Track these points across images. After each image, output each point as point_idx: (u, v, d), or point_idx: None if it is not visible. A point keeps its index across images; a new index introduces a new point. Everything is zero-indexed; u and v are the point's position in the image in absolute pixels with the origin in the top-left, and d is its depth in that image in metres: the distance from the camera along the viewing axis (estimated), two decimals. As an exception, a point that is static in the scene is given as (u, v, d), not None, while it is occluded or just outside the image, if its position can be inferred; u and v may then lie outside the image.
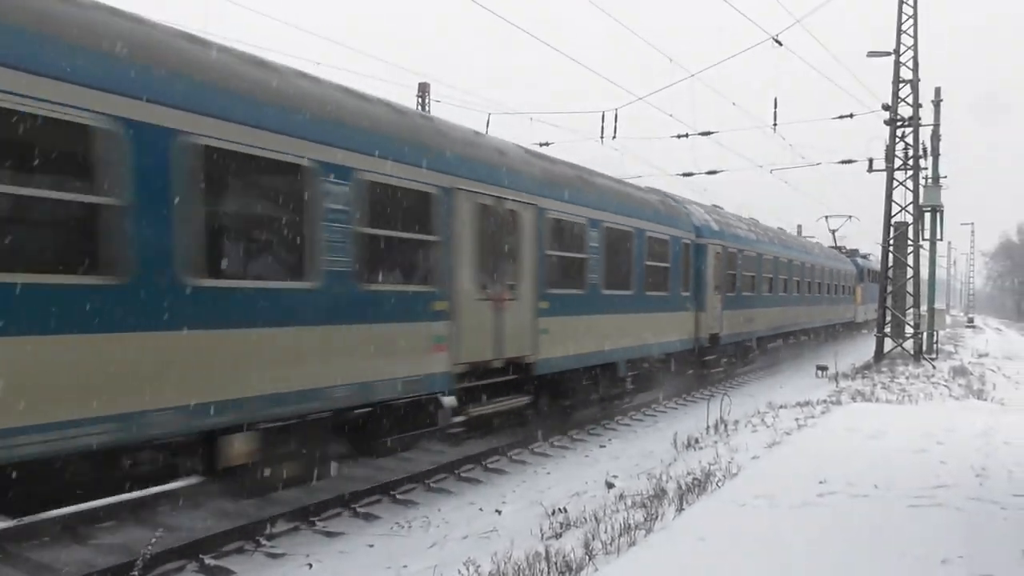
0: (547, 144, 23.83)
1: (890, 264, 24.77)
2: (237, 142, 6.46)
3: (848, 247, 41.65)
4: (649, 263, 14.63)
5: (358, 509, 8.39)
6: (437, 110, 27.01)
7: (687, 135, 24.15)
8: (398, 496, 8.98)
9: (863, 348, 30.57)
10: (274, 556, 7.10)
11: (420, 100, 26.67)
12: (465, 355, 9.33)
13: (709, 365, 18.26)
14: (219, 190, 6.47)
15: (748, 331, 20.78)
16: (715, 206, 21.20)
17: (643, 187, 17.42)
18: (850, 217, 40.04)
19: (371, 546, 7.48)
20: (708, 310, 17.49)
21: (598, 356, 12.75)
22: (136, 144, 5.67)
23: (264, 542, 7.27)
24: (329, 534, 7.71)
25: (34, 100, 5.08)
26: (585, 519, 7.14)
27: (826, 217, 40.25)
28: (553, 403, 12.27)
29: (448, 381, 9.06)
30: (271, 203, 7.00)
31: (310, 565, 6.95)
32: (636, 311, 14.11)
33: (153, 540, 5.62)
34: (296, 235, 7.08)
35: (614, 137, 23.45)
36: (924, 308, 25.00)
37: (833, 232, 40.00)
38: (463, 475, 10.07)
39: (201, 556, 6.74)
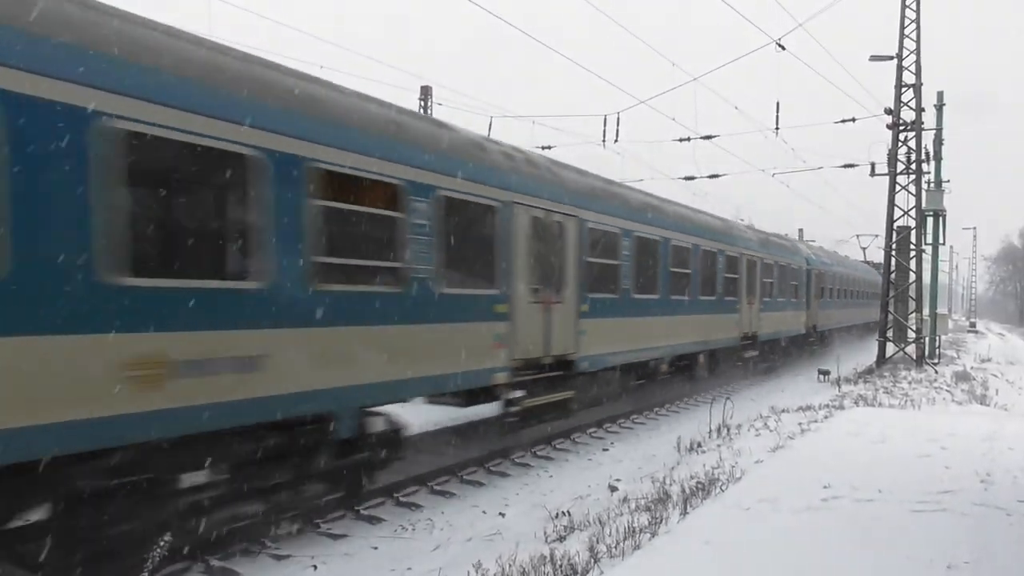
0: (549, 147, 23.85)
1: (892, 268, 24.78)
2: (354, 167, 7.49)
3: (875, 261, 46.15)
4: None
5: (362, 511, 8.40)
6: (439, 113, 27.04)
7: (689, 139, 24.19)
8: (401, 499, 8.98)
9: (865, 353, 30.56)
10: (279, 558, 7.11)
11: (422, 103, 26.71)
12: (519, 352, 10.26)
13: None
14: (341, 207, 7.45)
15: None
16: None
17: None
18: (876, 236, 43.12)
19: (375, 548, 7.49)
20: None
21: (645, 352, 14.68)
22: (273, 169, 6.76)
23: (269, 544, 7.28)
24: (334, 536, 7.72)
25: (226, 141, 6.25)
26: (589, 522, 7.15)
27: (857, 236, 45.49)
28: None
29: (507, 375, 10.07)
30: (376, 219, 7.94)
31: (315, 567, 6.96)
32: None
33: (162, 543, 5.62)
34: (392, 246, 8.04)
35: (616, 140, 23.51)
36: (927, 313, 25.00)
37: (864, 249, 45.57)
38: (466, 478, 10.08)
39: (207, 557, 6.75)
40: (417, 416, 11.35)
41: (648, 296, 14.28)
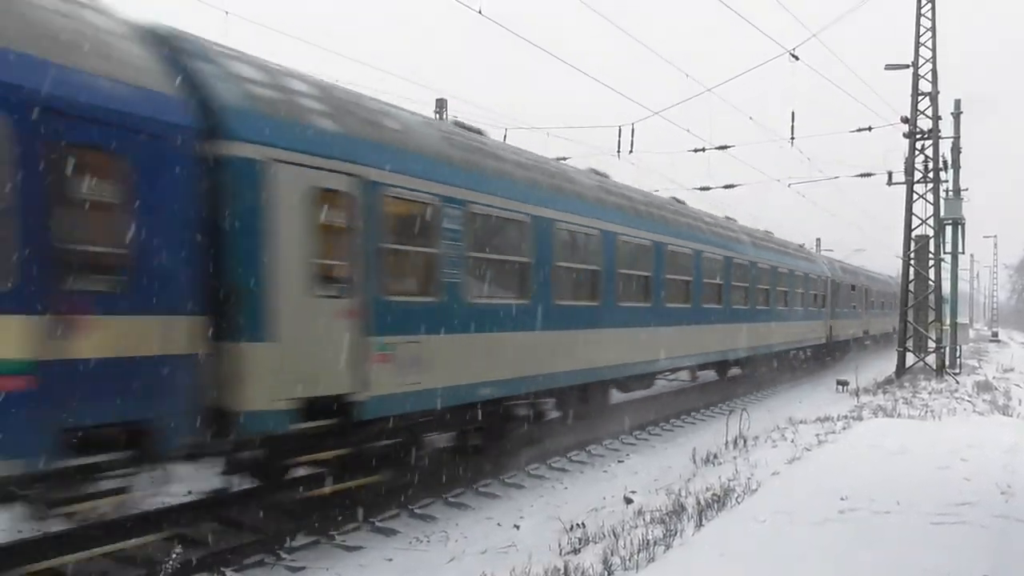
0: (564, 159, 23.88)
1: (911, 278, 24.56)
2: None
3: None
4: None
5: (377, 523, 8.40)
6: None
7: (704, 149, 24.11)
8: (416, 511, 8.99)
9: (884, 363, 30.26)
10: (295, 570, 7.13)
11: (438, 116, 26.86)
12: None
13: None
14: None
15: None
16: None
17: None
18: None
19: (390, 560, 7.49)
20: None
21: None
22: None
23: (285, 556, 7.31)
24: (349, 548, 7.73)
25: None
26: (604, 534, 7.11)
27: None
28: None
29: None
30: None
31: (329, 579, 6.97)
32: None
33: (175, 554, 5.66)
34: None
35: (631, 151, 23.47)
36: (948, 322, 24.73)
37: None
38: (481, 489, 10.06)
39: (223, 569, 6.79)
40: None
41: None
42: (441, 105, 27.31)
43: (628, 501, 8.97)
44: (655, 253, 14.01)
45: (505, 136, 23.82)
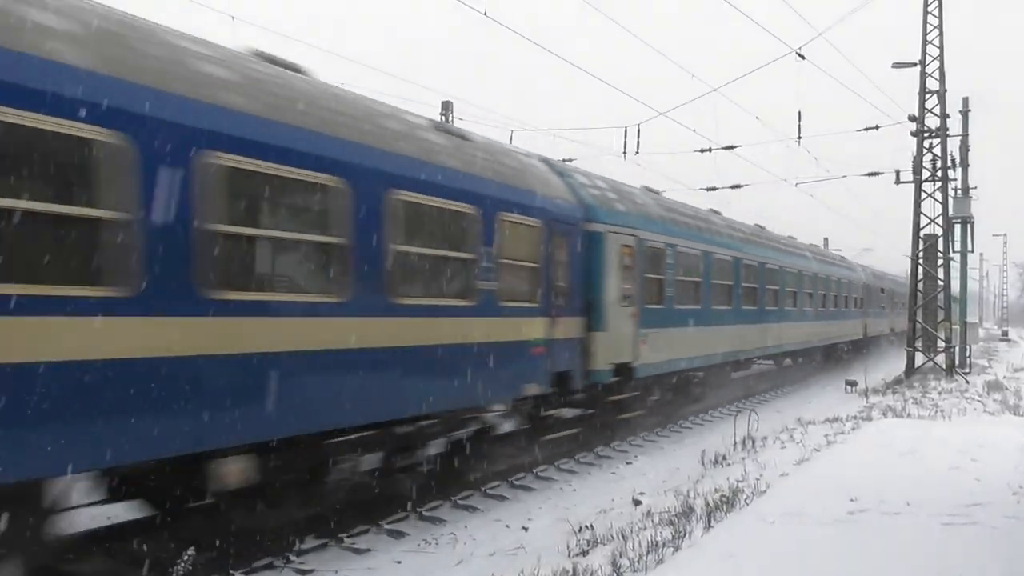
0: (570, 160, 23.89)
1: (920, 277, 24.46)
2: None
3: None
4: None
5: (385, 526, 8.41)
6: (460, 127, 27.13)
7: (710, 149, 24.10)
8: (425, 513, 8.99)
9: (893, 363, 30.13)
10: (303, 572, 7.14)
11: (444, 118, 26.88)
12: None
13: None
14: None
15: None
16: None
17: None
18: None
19: (399, 563, 7.50)
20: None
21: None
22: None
23: (293, 558, 7.31)
24: (357, 551, 7.74)
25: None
26: (612, 536, 7.10)
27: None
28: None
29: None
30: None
31: (338, 582, 6.98)
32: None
33: (186, 556, 5.68)
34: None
35: (637, 152, 23.48)
36: (957, 321, 24.63)
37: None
38: (489, 492, 10.06)
39: (232, 572, 6.80)
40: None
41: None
42: (447, 108, 27.31)
43: (637, 503, 8.96)
44: (762, 270, 19.82)
45: (511, 138, 23.88)
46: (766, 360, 22.92)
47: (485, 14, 12.86)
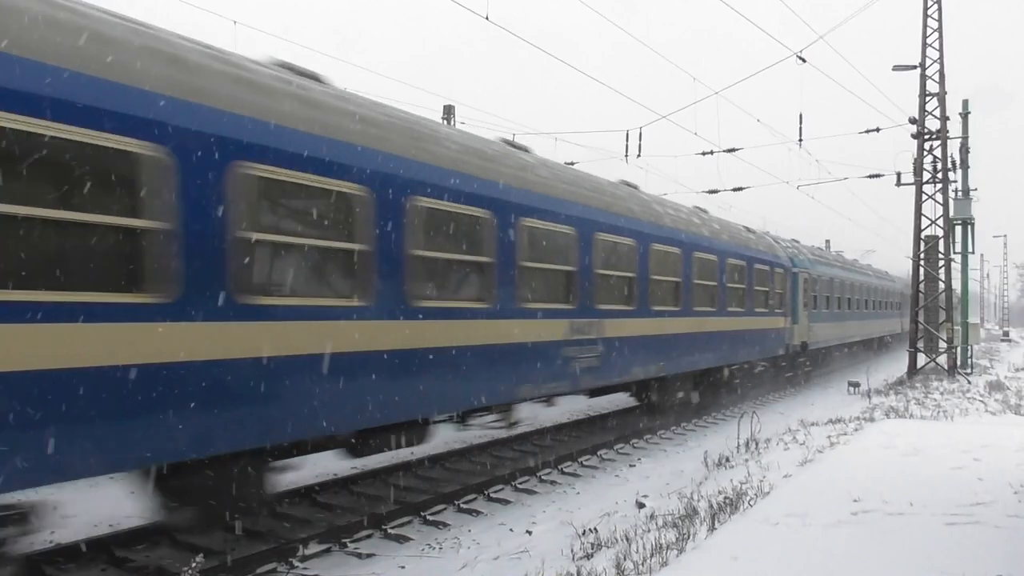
0: (573, 163, 23.93)
1: (921, 279, 24.46)
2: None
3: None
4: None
5: (389, 530, 8.43)
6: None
7: (712, 152, 24.15)
8: (428, 517, 9.00)
9: (896, 364, 30.12)
10: (307, 578, 7.15)
11: (446, 121, 26.92)
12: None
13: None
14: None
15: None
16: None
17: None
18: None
19: (403, 568, 7.50)
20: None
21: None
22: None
23: (297, 564, 7.33)
24: (360, 556, 7.75)
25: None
26: (616, 539, 7.10)
27: None
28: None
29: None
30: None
31: (342, 586, 6.99)
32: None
33: (194, 563, 5.70)
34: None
35: (639, 155, 23.52)
36: (959, 322, 24.61)
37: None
38: (492, 496, 10.08)
39: (236, 578, 6.81)
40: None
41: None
42: (449, 111, 27.35)
43: (640, 505, 8.97)
44: (861, 288, 31.76)
45: (513, 139, 23.86)
46: (859, 342, 33.06)
47: (487, 18, 12.90)
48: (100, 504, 8.69)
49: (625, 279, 11.88)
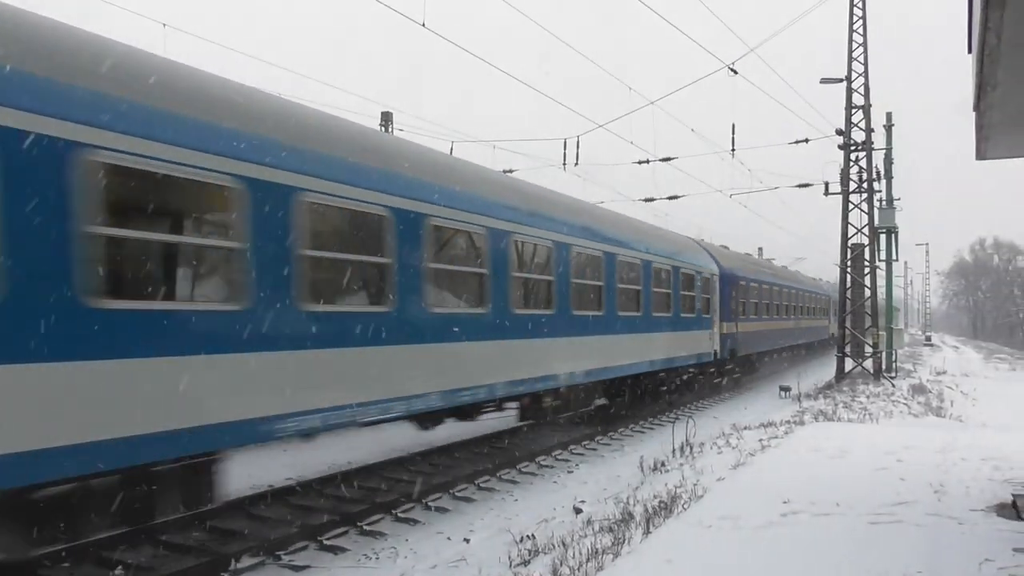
0: (511, 171, 24.03)
1: (848, 285, 25.31)
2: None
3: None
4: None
5: (324, 541, 8.29)
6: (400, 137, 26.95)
7: (648, 161, 24.54)
8: (365, 527, 8.89)
9: (825, 368, 31.06)
10: (239, 592, 6.98)
11: (384, 128, 26.72)
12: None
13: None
14: None
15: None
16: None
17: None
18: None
19: (338, 579, 7.39)
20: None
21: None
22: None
23: (229, 578, 7.15)
24: (296, 568, 7.60)
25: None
26: (553, 545, 7.15)
27: None
28: None
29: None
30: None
31: (276, 600, 6.84)
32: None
33: (118, 571, 5.50)
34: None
35: (576, 163, 23.75)
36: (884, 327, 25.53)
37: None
38: (430, 504, 10.01)
39: (164, 594, 6.61)
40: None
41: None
42: (387, 118, 27.16)
43: (577, 511, 9.03)
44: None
45: (452, 149, 23.87)
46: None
47: (423, 25, 12.86)
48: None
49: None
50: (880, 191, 25.94)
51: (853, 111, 24.04)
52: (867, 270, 25.07)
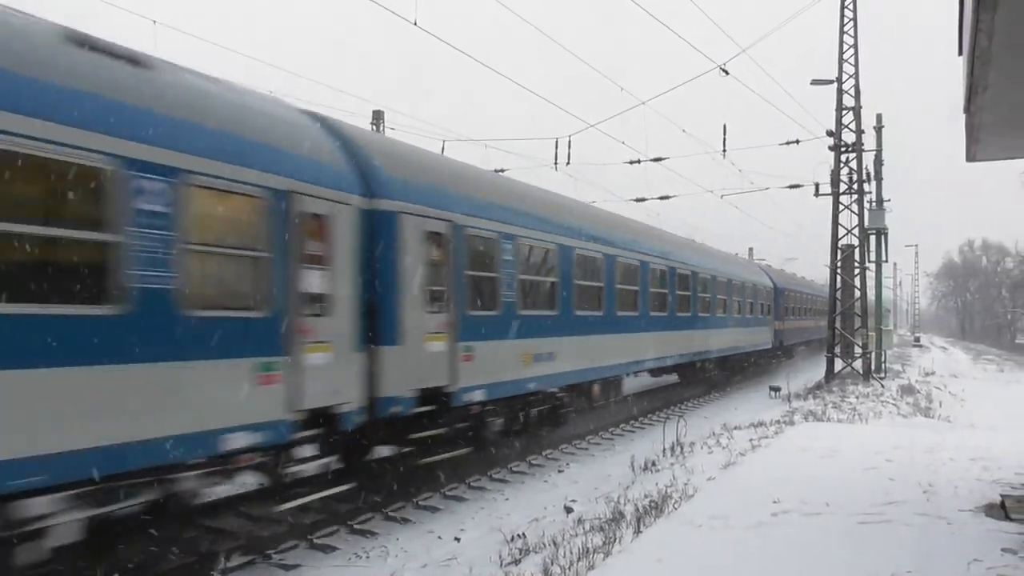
0: (503, 170, 24.02)
1: (838, 286, 25.41)
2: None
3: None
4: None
5: (315, 540, 8.26)
6: (392, 136, 26.91)
7: (639, 161, 24.55)
8: (355, 526, 8.87)
9: (815, 369, 31.19)
10: (228, 591, 6.95)
11: (375, 128, 26.67)
12: None
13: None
14: None
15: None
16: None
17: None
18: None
19: (328, 578, 7.37)
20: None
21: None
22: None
23: (218, 577, 7.11)
24: (286, 567, 7.58)
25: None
26: (544, 544, 7.15)
27: None
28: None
29: None
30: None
31: (266, 599, 6.82)
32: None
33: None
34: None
35: (568, 163, 23.76)
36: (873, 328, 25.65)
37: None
38: (421, 503, 9.99)
39: (152, 593, 6.57)
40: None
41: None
42: (378, 117, 27.10)
43: (568, 510, 9.03)
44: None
45: (443, 148, 23.84)
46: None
47: (415, 23, 12.84)
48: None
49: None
50: (870, 192, 26.07)
51: (844, 112, 24.14)
52: (857, 271, 25.18)
